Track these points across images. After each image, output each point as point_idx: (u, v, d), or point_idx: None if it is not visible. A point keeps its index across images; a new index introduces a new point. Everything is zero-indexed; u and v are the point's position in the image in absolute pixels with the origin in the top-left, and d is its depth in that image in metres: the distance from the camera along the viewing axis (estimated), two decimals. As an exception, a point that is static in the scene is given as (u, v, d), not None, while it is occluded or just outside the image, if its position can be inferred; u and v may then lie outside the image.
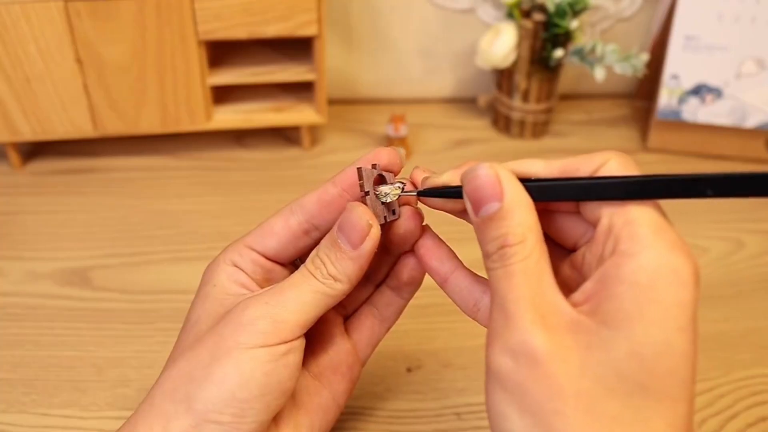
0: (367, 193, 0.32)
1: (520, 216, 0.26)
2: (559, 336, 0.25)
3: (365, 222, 0.31)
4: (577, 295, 0.26)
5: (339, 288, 0.31)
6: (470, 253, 0.34)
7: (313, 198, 0.33)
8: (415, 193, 0.33)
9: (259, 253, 0.34)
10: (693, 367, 0.24)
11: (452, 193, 0.31)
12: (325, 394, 0.35)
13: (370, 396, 0.44)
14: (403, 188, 0.33)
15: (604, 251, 0.26)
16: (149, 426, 0.30)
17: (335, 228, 0.32)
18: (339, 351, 0.36)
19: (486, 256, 0.27)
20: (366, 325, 0.37)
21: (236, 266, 0.34)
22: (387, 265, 0.36)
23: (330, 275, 0.31)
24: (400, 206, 0.34)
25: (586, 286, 0.26)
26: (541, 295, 0.26)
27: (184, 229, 0.57)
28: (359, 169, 0.32)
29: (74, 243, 0.55)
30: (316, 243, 0.33)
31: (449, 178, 0.32)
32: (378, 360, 0.46)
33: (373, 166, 0.33)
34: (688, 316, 0.24)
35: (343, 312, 0.37)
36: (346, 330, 0.37)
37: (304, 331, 0.31)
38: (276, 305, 0.30)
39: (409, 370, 0.46)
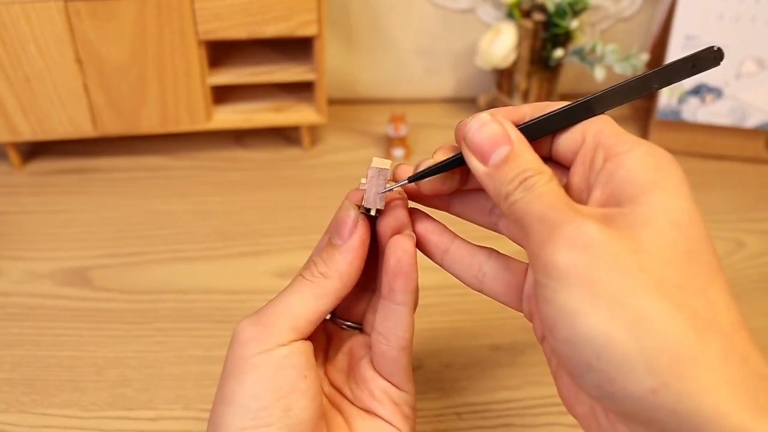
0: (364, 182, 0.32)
1: (531, 152, 0.27)
2: (602, 224, 0.25)
3: (351, 215, 0.32)
4: (592, 205, 0.27)
5: (329, 285, 0.31)
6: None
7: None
8: (407, 181, 0.32)
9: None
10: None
11: (447, 166, 0.31)
12: (380, 423, 0.33)
13: (371, 396, 0.44)
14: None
15: (595, 164, 0.28)
16: None
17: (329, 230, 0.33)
18: (366, 382, 0.34)
19: (504, 197, 0.27)
20: (377, 353, 0.34)
21: None
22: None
23: (320, 273, 0.31)
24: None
25: (596, 194, 0.27)
26: (573, 203, 0.26)
27: (184, 229, 0.57)
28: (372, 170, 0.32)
29: (74, 243, 0.55)
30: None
31: (441, 155, 0.31)
32: (378, 360, 0.46)
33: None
34: (690, 192, 0.26)
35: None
36: (372, 363, 0.35)
37: (300, 334, 0.31)
38: (263, 313, 0.31)
39: (409, 370, 0.46)
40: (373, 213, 0.32)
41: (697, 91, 0.64)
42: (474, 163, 0.28)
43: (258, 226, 0.57)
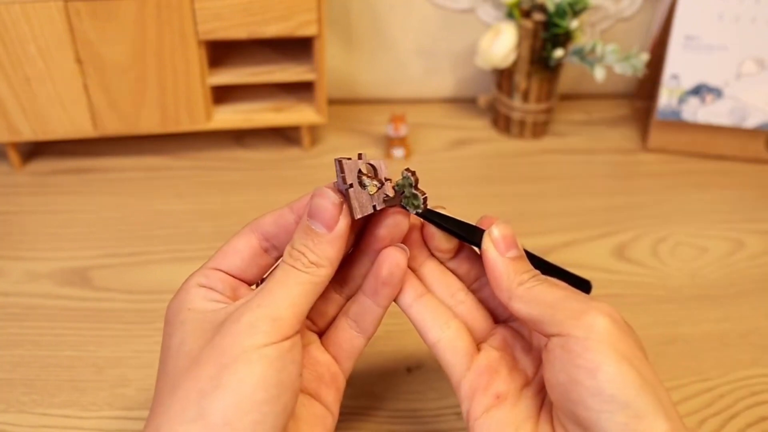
0: (350, 186, 0.32)
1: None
2: None
3: (336, 202, 0.32)
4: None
5: (323, 273, 0.32)
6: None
7: (270, 220, 0.35)
8: (415, 212, 0.34)
9: (224, 272, 0.34)
10: None
11: (458, 228, 0.35)
12: (318, 406, 0.35)
13: (370, 396, 0.44)
14: (414, 180, 0.34)
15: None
16: None
17: (305, 216, 0.32)
18: (319, 365, 0.36)
19: (519, 283, 0.33)
20: (343, 338, 0.36)
21: (205, 287, 0.33)
22: (360, 274, 0.36)
23: (312, 263, 0.32)
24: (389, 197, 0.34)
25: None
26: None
27: (184, 229, 0.57)
28: (339, 162, 0.32)
29: (74, 243, 0.55)
30: (276, 261, 0.35)
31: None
32: (378, 360, 0.46)
33: (360, 156, 0.33)
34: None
35: (315, 329, 0.37)
36: (324, 345, 0.37)
37: (300, 324, 0.31)
38: (269, 305, 0.30)
39: (409, 370, 0.46)
40: (359, 215, 0.33)
41: (697, 91, 0.64)
42: (493, 251, 0.34)
43: (258, 226, 0.57)
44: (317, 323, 0.37)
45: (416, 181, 0.34)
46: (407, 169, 0.34)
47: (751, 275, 0.54)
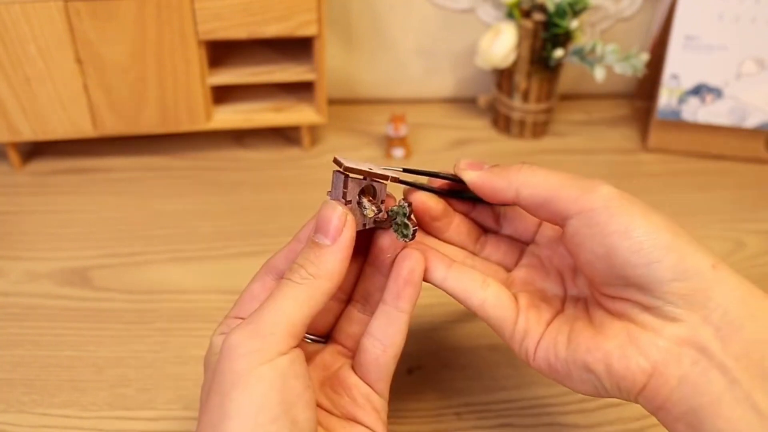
0: (349, 202, 0.33)
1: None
2: None
3: (341, 213, 0.32)
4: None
5: (320, 285, 0.31)
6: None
7: (281, 256, 0.35)
8: (401, 173, 0.35)
9: (243, 319, 0.33)
10: None
11: (442, 189, 0.36)
12: (360, 428, 0.34)
13: (370, 396, 0.44)
14: (408, 211, 0.34)
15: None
16: None
17: (311, 233, 0.32)
18: (349, 388, 0.35)
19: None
20: (368, 359, 0.35)
21: (225, 334, 0.33)
22: (378, 288, 0.36)
23: (310, 274, 0.31)
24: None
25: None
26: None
27: (184, 229, 0.57)
28: (346, 177, 0.32)
29: (74, 243, 0.55)
30: None
31: (470, 177, 0.36)
32: (378, 360, 0.46)
33: (365, 177, 0.34)
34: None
35: (347, 352, 0.37)
36: (353, 368, 0.36)
37: (297, 339, 0.30)
38: (258, 322, 0.30)
39: (409, 370, 0.46)
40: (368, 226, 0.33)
41: (697, 91, 0.64)
42: (476, 172, 0.35)
43: (258, 226, 0.57)
44: (347, 345, 0.37)
45: (410, 212, 0.34)
46: (404, 199, 0.35)
47: (751, 275, 0.54)
